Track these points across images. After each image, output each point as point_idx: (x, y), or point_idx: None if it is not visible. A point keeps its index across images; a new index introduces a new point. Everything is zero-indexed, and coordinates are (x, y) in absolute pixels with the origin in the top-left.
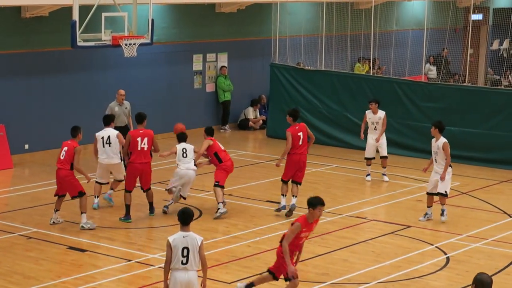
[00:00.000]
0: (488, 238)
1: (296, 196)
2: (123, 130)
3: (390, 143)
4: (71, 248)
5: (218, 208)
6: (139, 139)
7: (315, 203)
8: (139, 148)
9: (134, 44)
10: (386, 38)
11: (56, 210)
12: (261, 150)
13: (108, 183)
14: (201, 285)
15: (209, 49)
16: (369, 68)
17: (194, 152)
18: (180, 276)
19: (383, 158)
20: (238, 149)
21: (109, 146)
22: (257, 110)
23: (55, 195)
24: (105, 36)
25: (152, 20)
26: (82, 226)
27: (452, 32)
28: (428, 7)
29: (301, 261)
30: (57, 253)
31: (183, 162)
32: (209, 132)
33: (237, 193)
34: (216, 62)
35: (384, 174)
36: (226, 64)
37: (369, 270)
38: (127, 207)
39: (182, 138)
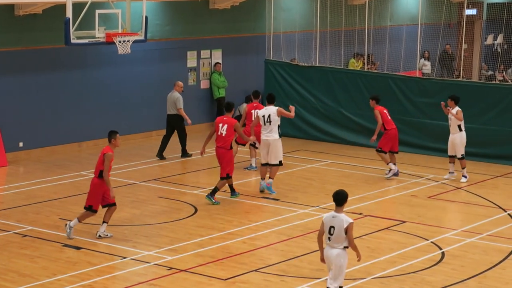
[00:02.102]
0: (483, 233)
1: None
2: (175, 117)
3: None
4: (66, 245)
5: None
6: (220, 124)
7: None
8: (218, 133)
9: (128, 41)
10: (380, 34)
11: (104, 222)
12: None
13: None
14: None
15: (203, 46)
16: (364, 64)
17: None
18: (326, 251)
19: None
20: (232, 145)
21: (269, 124)
22: None
23: (103, 206)
24: (99, 33)
25: (146, 17)
26: (100, 236)
27: (446, 28)
28: (422, 3)
29: (296, 257)
30: (52, 251)
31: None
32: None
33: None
34: (211, 59)
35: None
36: (220, 61)
37: (365, 266)
38: (229, 186)
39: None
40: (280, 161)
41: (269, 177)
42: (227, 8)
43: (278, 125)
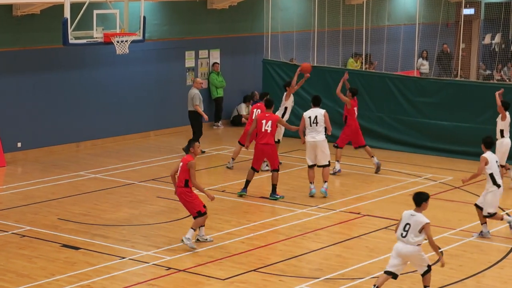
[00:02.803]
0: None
1: None
2: (192, 114)
3: (382, 138)
4: (64, 246)
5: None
6: (264, 121)
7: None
8: (263, 130)
9: (126, 41)
10: (378, 34)
11: (201, 226)
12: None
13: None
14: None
15: (201, 46)
16: (362, 63)
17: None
18: (398, 246)
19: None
20: (231, 145)
21: (316, 125)
22: (250, 107)
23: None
24: (97, 34)
25: (144, 17)
26: (183, 240)
27: (444, 27)
28: (420, 2)
29: (294, 257)
30: (50, 251)
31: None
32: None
33: (230, 189)
34: (209, 59)
35: None
36: (218, 61)
37: (363, 265)
38: (246, 182)
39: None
40: (329, 161)
41: (324, 181)
42: (225, 8)
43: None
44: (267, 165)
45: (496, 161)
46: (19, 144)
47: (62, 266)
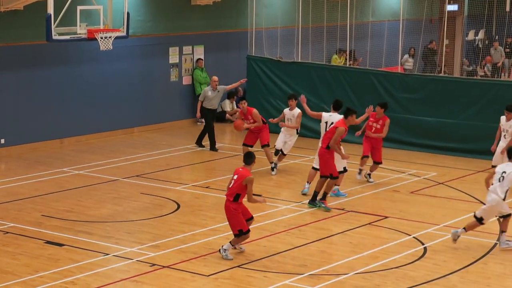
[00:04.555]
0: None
1: None
2: (214, 112)
3: None
4: (48, 242)
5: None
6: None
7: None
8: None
9: (109, 37)
10: (362, 30)
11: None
12: (238, 143)
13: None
14: None
15: (185, 42)
16: (346, 59)
17: None
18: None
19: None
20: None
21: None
22: (234, 103)
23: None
24: (81, 30)
25: (128, 13)
26: (219, 250)
27: (427, 23)
28: None
29: (278, 253)
30: (34, 248)
31: None
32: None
33: (215, 185)
34: (193, 55)
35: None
36: (202, 57)
37: (347, 261)
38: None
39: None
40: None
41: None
42: (209, 4)
43: None
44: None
45: None
46: (2, 141)
47: (46, 262)
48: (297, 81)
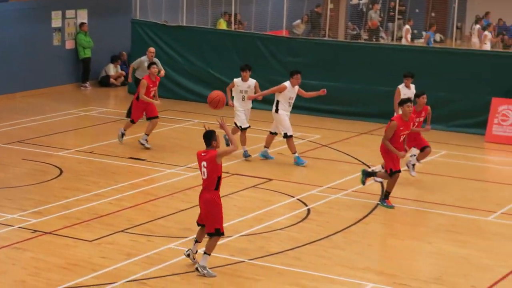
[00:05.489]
0: (348, 189)
1: None
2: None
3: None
4: None
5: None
6: None
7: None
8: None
9: None
10: None
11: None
12: (122, 107)
13: None
14: None
15: (68, 6)
16: (231, 23)
17: None
18: None
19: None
20: (100, 106)
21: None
22: (118, 67)
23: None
24: None
25: None
26: (197, 269)
27: None
28: None
29: (163, 217)
30: None
31: None
32: None
33: (99, 150)
34: (76, 19)
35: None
36: (86, 21)
37: (232, 224)
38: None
39: None
40: (285, 133)
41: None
42: None
43: (277, 100)
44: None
45: None
46: None
47: None
48: (183, 46)
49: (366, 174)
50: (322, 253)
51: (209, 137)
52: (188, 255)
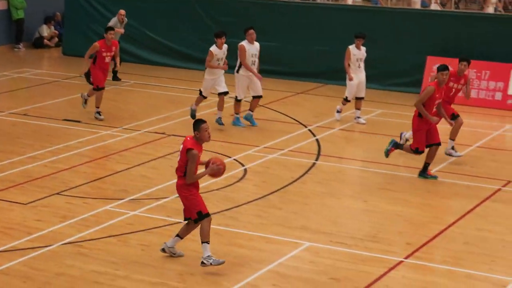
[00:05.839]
0: (285, 149)
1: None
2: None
3: (178, 55)
4: None
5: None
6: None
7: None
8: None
9: None
10: None
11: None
12: (57, 68)
13: None
14: None
15: None
16: None
17: None
18: None
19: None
20: (33, 68)
21: None
22: (52, 28)
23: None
24: None
25: None
26: (203, 262)
27: None
28: None
29: (99, 178)
30: None
31: None
32: None
33: (33, 112)
34: None
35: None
36: None
37: (168, 185)
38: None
39: None
40: (236, 96)
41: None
42: None
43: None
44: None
45: None
46: None
47: None
48: (118, 6)
49: (394, 145)
50: (259, 213)
51: (193, 126)
52: (164, 250)
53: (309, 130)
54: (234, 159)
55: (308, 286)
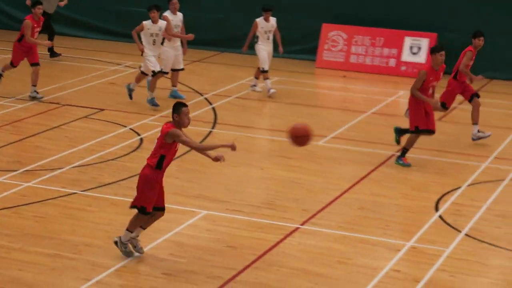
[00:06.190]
0: None
1: None
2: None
3: (83, 26)
4: None
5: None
6: None
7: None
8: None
9: None
10: None
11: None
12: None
13: None
14: None
15: None
16: None
17: None
18: None
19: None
20: None
21: None
22: None
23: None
24: None
25: None
26: (116, 242)
27: None
28: None
29: None
30: None
31: None
32: None
33: None
34: None
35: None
36: None
37: (63, 155)
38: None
39: None
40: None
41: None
42: None
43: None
44: None
45: None
46: None
47: None
48: None
49: (399, 132)
50: None
51: (173, 109)
52: (116, 243)
53: (205, 98)
54: (130, 129)
55: (205, 254)
